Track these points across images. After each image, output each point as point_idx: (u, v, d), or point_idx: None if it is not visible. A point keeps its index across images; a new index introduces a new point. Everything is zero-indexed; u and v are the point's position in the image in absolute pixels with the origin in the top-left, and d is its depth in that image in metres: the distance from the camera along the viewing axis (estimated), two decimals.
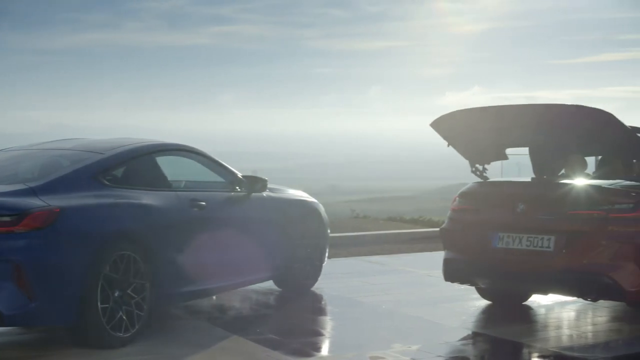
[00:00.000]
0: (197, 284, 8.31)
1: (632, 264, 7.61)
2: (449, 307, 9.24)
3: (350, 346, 7.47)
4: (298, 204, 10.12)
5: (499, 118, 8.71)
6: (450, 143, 9.07)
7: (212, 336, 7.67)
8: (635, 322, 8.48)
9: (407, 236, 16.19)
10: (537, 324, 8.54)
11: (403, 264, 12.76)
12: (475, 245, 8.50)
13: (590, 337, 7.86)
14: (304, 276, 10.09)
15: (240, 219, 9.08)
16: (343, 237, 15.21)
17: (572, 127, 8.56)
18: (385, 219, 19.95)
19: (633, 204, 7.70)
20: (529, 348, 7.41)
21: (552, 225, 7.99)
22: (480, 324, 8.59)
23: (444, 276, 8.92)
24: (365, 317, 8.79)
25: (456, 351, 7.47)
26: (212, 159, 9.09)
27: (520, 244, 8.15)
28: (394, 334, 7.96)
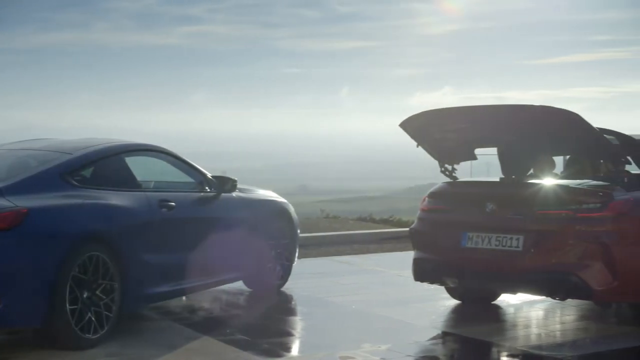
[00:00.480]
0: (166, 284, 8.28)
1: (599, 263, 7.67)
2: (418, 306, 9.27)
3: (320, 346, 7.47)
4: (268, 204, 10.11)
5: (468, 118, 8.74)
6: (420, 143, 9.09)
7: (182, 337, 7.65)
8: (602, 321, 8.55)
9: (377, 236, 16.21)
10: (506, 323, 8.59)
11: (373, 264, 12.78)
12: (444, 245, 8.53)
13: (559, 336, 7.91)
14: (274, 276, 10.08)
15: (210, 219, 9.06)
16: (313, 237, 15.21)
17: (540, 128, 8.61)
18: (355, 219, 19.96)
19: (600, 204, 7.77)
20: (498, 347, 7.45)
21: (520, 225, 8.04)
22: (449, 324, 8.62)
23: (414, 276, 8.95)
24: (335, 317, 8.80)
25: (426, 351, 7.49)
26: (181, 159, 9.07)
27: (489, 243, 8.19)
28: (364, 333, 7.97)
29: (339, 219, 20.07)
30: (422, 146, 9.14)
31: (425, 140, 9.06)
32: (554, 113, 8.06)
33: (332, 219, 19.95)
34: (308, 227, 16.46)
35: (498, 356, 7.32)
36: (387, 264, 12.71)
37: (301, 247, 11.78)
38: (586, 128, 8.05)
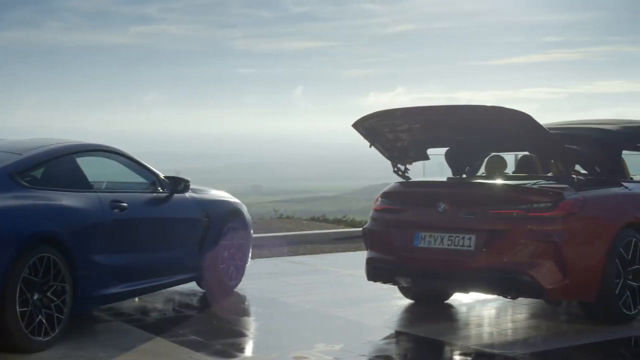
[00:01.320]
0: (119, 285, 8.22)
1: (550, 261, 7.75)
2: (371, 306, 9.29)
3: (273, 346, 7.47)
4: (221, 204, 10.08)
5: (421, 119, 8.79)
6: (372, 143, 9.12)
7: (134, 338, 7.60)
8: (553, 319, 8.63)
9: (330, 236, 16.22)
10: (459, 322, 8.64)
11: (326, 264, 12.79)
12: (397, 245, 8.57)
13: (510, 334, 7.97)
14: (227, 277, 10.05)
15: (163, 219, 9.02)
16: (266, 238, 15.18)
17: (492, 128, 8.68)
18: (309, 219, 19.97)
19: (551, 203, 7.85)
20: (451, 346, 7.49)
21: (472, 225, 8.09)
22: (402, 323, 8.65)
23: (367, 276, 8.97)
24: (288, 318, 8.79)
25: (379, 350, 7.51)
26: (133, 159, 9.01)
27: (441, 243, 8.24)
28: (317, 333, 7.98)
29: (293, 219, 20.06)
30: (375, 146, 9.17)
31: (378, 140, 9.09)
32: (505, 113, 8.12)
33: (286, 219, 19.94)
34: (261, 227, 16.44)
35: (451, 355, 7.36)
36: (340, 264, 12.73)
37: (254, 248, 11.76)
38: (536, 128, 8.13)
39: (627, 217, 8.33)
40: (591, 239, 7.98)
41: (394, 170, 9.31)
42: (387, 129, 8.92)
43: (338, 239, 15.99)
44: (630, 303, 8.20)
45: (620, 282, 8.09)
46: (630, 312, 8.20)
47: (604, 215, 8.21)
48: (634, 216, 8.42)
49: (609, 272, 7.98)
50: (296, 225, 18.18)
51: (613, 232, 8.10)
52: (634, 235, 8.27)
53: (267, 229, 16.64)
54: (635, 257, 8.27)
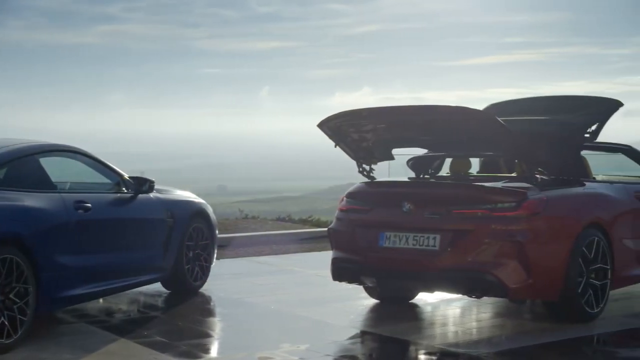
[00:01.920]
0: (83, 286, 8.17)
1: (514, 261, 7.80)
2: (337, 306, 9.30)
3: (239, 347, 7.46)
4: (186, 204, 10.05)
5: (386, 119, 8.80)
6: (337, 143, 9.13)
7: (99, 340, 7.55)
8: (517, 318, 8.68)
9: (296, 236, 16.22)
10: (424, 322, 8.67)
11: (292, 264, 12.79)
12: (362, 245, 8.58)
13: (475, 334, 8.01)
14: (192, 277, 10.02)
15: (127, 220, 8.98)
16: (231, 238, 15.16)
17: (456, 128, 8.71)
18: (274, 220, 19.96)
19: (515, 203, 7.90)
20: (416, 345, 7.51)
21: (437, 224, 8.12)
22: (368, 323, 8.67)
23: (332, 276, 8.98)
24: (254, 318, 8.78)
25: (344, 350, 7.52)
26: (97, 159, 8.96)
27: (406, 243, 8.26)
28: (283, 334, 7.98)
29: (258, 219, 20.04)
30: (340, 146, 9.18)
31: (343, 140, 9.10)
32: (469, 113, 8.16)
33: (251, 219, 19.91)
34: (227, 228, 16.41)
35: (416, 354, 7.38)
36: (305, 264, 12.73)
37: (220, 248, 11.73)
38: (501, 128, 8.18)
39: (589, 217, 8.41)
40: (554, 238, 8.04)
41: (359, 171, 9.32)
42: (353, 129, 8.94)
43: (303, 239, 15.99)
44: (593, 302, 8.28)
45: (583, 281, 8.17)
46: (593, 310, 8.28)
47: (567, 215, 8.28)
48: (596, 216, 8.50)
49: (572, 271, 8.05)
50: (261, 225, 18.16)
51: (576, 231, 8.17)
52: (596, 235, 8.36)
53: (233, 229, 16.61)
54: (598, 256, 8.35)
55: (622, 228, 8.94)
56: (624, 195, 9.18)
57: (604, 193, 8.90)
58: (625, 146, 10.55)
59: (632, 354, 7.08)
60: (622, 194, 9.17)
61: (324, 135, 9.04)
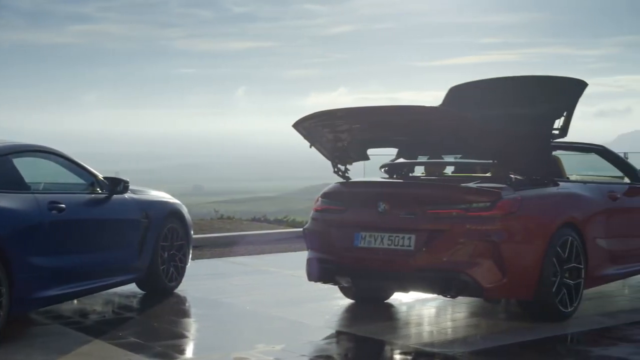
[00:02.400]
0: (57, 287, 8.12)
1: (489, 261, 7.83)
2: (312, 306, 9.31)
3: (214, 347, 7.44)
4: (160, 205, 10.02)
5: (361, 119, 8.81)
6: (313, 144, 9.13)
7: (73, 341, 7.50)
8: (492, 317, 8.71)
9: (271, 237, 16.23)
10: (399, 322, 8.68)
11: (267, 265, 12.79)
12: (337, 245, 8.58)
13: (450, 333, 8.03)
14: (168, 278, 10.00)
15: (102, 221, 8.95)
16: (207, 238, 15.15)
17: (432, 129, 8.73)
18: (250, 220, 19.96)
19: (489, 203, 7.92)
20: (391, 345, 7.52)
21: (412, 224, 8.14)
22: (343, 323, 8.67)
23: (307, 276, 8.98)
24: (229, 318, 8.77)
25: (320, 350, 7.51)
26: (71, 160, 8.92)
27: (381, 243, 8.27)
28: (258, 334, 7.97)
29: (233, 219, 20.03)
30: (315, 147, 9.18)
31: (318, 140, 9.10)
32: (445, 114, 8.19)
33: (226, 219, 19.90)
34: (202, 228, 16.40)
35: (391, 354, 7.39)
36: (281, 265, 12.73)
37: (195, 248, 11.71)
38: (476, 128, 8.21)
39: (564, 217, 8.45)
40: (529, 238, 8.07)
41: (334, 171, 9.33)
42: (328, 129, 8.94)
43: (279, 240, 16.01)
44: (567, 301, 8.32)
45: (557, 280, 8.21)
46: (567, 309, 8.33)
47: (541, 215, 8.31)
48: (570, 216, 8.55)
49: (546, 270, 8.08)
50: (237, 225, 18.15)
51: (550, 231, 8.20)
52: (570, 234, 8.40)
53: (208, 229, 16.60)
54: (572, 255, 8.40)
55: (596, 228, 8.99)
56: (597, 195, 9.25)
57: (577, 193, 8.95)
58: (599, 146, 10.62)
59: (605, 352, 7.12)
60: (596, 194, 9.23)
61: (300, 136, 9.04)
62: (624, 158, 11.03)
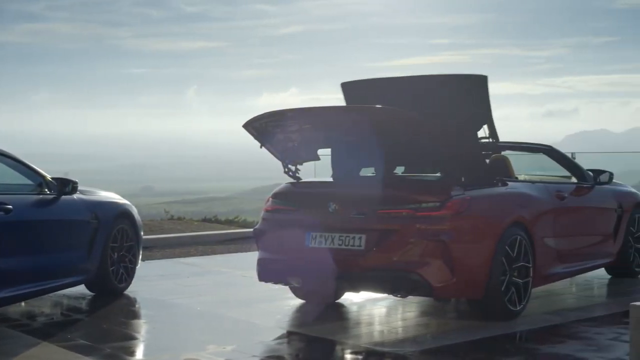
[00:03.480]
0: (4, 290, 8.03)
1: (438, 260, 7.88)
2: (263, 307, 9.30)
3: (164, 349, 7.40)
4: (110, 206, 9.95)
5: (311, 119, 8.82)
6: (263, 144, 9.13)
7: (21, 344, 7.43)
8: (442, 316, 8.77)
9: (222, 237, 16.19)
10: (350, 321, 8.70)
11: (218, 265, 12.75)
12: (288, 245, 8.59)
13: (401, 332, 8.07)
14: (117, 279, 9.93)
15: (50, 222, 8.86)
16: (157, 239, 15.07)
17: (381, 129, 8.77)
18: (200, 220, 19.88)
19: (439, 203, 7.97)
20: (342, 345, 7.54)
21: (363, 224, 8.16)
22: (294, 323, 8.67)
23: (258, 276, 8.97)
24: (179, 319, 8.73)
25: (271, 350, 7.51)
26: (19, 160, 8.82)
27: (332, 243, 8.29)
28: (209, 335, 7.94)
29: (184, 220, 19.93)
30: (266, 147, 9.18)
31: (269, 141, 9.10)
32: (393, 114, 8.22)
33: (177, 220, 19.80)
34: (152, 229, 16.30)
35: (342, 354, 7.40)
36: (232, 265, 12.71)
37: (145, 249, 11.64)
38: (425, 129, 8.26)
39: (512, 216, 8.53)
40: (478, 237, 8.14)
41: (285, 171, 9.33)
42: (278, 129, 8.94)
43: (229, 240, 15.98)
44: (516, 299, 8.40)
45: (506, 279, 8.28)
46: (516, 308, 8.41)
47: (490, 214, 8.38)
48: (518, 215, 8.63)
49: (495, 269, 8.15)
50: (187, 226, 18.07)
51: (499, 230, 8.28)
52: (518, 234, 8.48)
53: (158, 230, 16.51)
54: (520, 254, 8.48)
55: (544, 227, 9.09)
56: (545, 194, 9.35)
57: (526, 193, 9.04)
58: (546, 146, 10.75)
59: (553, 350, 7.20)
60: (544, 194, 9.34)
61: (250, 136, 9.03)
62: (572, 158, 11.17)
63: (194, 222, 19.16)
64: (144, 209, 11.92)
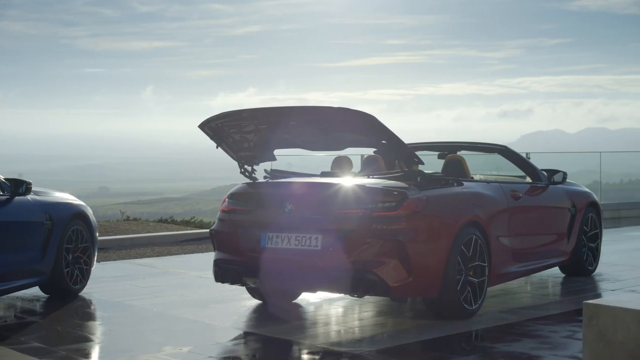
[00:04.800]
0: None
1: (395, 260, 7.91)
2: (220, 307, 9.27)
3: (120, 351, 7.34)
4: (64, 206, 9.88)
5: (268, 119, 8.81)
6: (219, 144, 9.10)
7: None
8: (398, 316, 8.80)
9: (178, 238, 16.12)
10: (307, 322, 8.70)
11: (174, 266, 12.69)
12: (244, 246, 8.58)
13: (357, 332, 8.09)
14: (72, 281, 9.85)
15: (3, 223, 8.78)
16: (113, 240, 14.97)
17: (337, 129, 8.79)
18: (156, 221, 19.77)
19: (395, 203, 8.01)
20: (299, 345, 7.54)
21: (319, 225, 8.17)
22: (251, 324, 8.65)
23: (215, 277, 8.94)
24: (135, 321, 8.68)
25: (227, 351, 7.49)
26: None
27: (288, 243, 8.29)
28: (165, 336, 7.90)
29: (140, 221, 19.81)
30: (222, 147, 9.16)
31: (225, 141, 9.09)
32: (350, 114, 8.24)
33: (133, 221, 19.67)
34: (107, 230, 16.19)
35: (299, 354, 7.40)
36: (188, 266, 12.66)
37: (101, 251, 11.56)
38: (381, 129, 8.29)
39: (468, 216, 8.59)
40: (434, 237, 8.18)
41: (241, 172, 9.32)
42: (234, 129, 8.92)
43: (186, 241, 15.91)
44: (471, 298, 8.46)
45: (462, 278, 8.34)
46: (471, 307, 8.47)
47: (446, 214, 8.43)
48: (474, 214, 8.69)
49: (451, 269, 8.21)
50: (143, 227, 17.96)
51: (455, 230, 8.33)
52: (474, 233, 8.54)
53: (114, 231, 16.39)
54: (476, 254, 8.54)
55: (499, 226, 9.17)
56: (500, 194, 9.43)
57: (481, 192, 9.11)
58: (501, 146, 10.83)
59: (508, 348, 7.25)
60: (499, 193, 9.41)
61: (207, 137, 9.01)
62: (526, 158, 11.27)
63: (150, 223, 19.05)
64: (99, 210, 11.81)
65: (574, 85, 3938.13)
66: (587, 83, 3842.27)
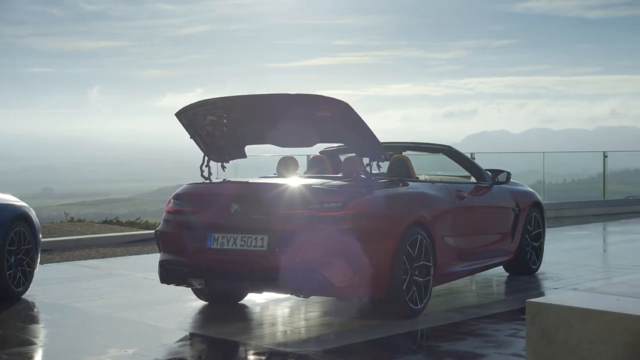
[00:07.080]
0: None
1: (340, 260, 7.92)
2: (165, 309, 9.23)
3: (64, 354, 7.27)
4: (6, 208, 9.76)
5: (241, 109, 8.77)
6: (192, 136, 9.08)
7: None
8: (345, 316, 8.81)
9: (123, 239, 16.01)
10: (253, 322, 8.69)
11: (119, 267, 12.60)
12: (190, 247, 8.53)
13: (304, 332, 8.09)
14: (14, 283, 9.73)
15: None
16: (56, 242, 14.82)
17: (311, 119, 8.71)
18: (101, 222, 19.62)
19: (341, 203, 8.02)
20: (245, 346, 7.52)
21: (265, 225, 8.16)
22: (197, 325, 8.62)
23: (160, 278, 8.88)
24: (80, 324, 8.59)
25: (173, 353, 7.45)
26: None
27: (234, 244, 8.26)
28: (110, 338, 7.84)
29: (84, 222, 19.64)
30: (195, 139, 9.17)
31: (198, 133, 9.07)
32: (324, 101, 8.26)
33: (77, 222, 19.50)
34: (51, 231, 16.04)
35: (245, 355, 7.39)
36: (133, 267, 12.58)
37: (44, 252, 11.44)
38: (354, 118, 8.32)
39: (413, 216, 8.64)
40: (380, 237, 8.21)
41: (202, 174, 9.25)
42: (207, 120, 8.89)
43: (131, 242, 15.82)
44: (417, 298, 8.51)
45: (407, 278, 8.38)
46: (417, 306, 8.51)
47: (391, 214, 8.47)
48: (419, 215, 8.74)
49: (397, 269, 8.24)
50: (88, 228, 17.82)
51: (400, 230, 8.37)
52: (419, 233, 8.59)
53: (58, 232, 16.24)
54: (421, 253, 8.59)
55: (444, 226, 9.24)
56: (445, 194, 9.50)
57: (426, 192, 9.16)
58: (446, 147, 10.92)
59: (453, 347, 7.31)
60: (444, 193, 9.48)
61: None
62: (471, 158, 11.37)
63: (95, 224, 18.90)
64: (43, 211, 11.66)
65: (519, 86, 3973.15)
66: (532, 84, 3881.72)
